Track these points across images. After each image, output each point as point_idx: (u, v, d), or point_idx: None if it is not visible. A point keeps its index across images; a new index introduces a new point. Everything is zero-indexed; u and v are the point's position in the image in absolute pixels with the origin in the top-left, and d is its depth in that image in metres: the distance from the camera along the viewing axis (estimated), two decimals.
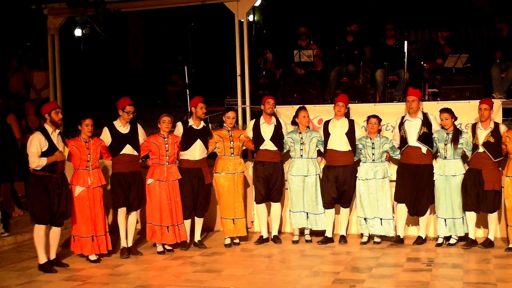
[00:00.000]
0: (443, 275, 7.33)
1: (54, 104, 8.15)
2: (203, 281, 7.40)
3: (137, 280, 7.53)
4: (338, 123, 9.08)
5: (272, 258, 8.43)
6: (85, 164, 8.25)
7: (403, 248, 8.63)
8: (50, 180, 7.89)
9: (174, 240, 8.79)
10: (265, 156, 9.14)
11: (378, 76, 11.17)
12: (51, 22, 11.25)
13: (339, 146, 8.99)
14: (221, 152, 9.09)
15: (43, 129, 7.95)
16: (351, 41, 11.89)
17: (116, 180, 8.61)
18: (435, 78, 10.89)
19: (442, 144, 8.64)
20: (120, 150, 8.56)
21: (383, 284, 7.03)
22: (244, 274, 7.69)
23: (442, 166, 8.66)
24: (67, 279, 7.61)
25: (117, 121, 8.65)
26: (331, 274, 7.51)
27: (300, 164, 9.06)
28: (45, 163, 7.78)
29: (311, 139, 9.09)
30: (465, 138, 8.58)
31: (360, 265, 7.91)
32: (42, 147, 7.78)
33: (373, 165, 8.90)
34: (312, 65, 11.65)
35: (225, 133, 9.09)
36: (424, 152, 8.71)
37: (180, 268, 8.06)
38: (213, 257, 8.60)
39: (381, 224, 8.89)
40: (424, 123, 8.76)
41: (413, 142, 8.74)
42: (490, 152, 8.35)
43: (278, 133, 9.17)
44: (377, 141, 8.92)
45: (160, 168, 8.71)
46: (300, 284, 7.16)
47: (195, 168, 8.87)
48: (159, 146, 8.69)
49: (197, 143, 8.85)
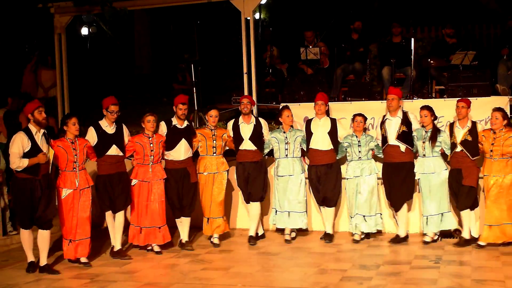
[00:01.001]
0: (451, 272, 7.32)
1: (37, 103, 7.76)
2: (210, 279, 7.41)
3: (144, 278, 7.55)
4: (320, 122, 9.08)
5: (279, 255, 8.43)
6: (71, 166, 7.97)
7: (411, 246, 8.62)
8: (32, 182, 7.58)
9: (145, 242, 8.64)
10: (244, 156, 9.08)
11: (384, 73, 11.16)
12: (57, 21, 11.29)
13: (321, 145, 9.00)
14: (203, 151, 8.98)
15: (27, 129, 7.64)
16: (356, 38, 11.87)
17: (101, 183, 8.40)
18: (442, 75, 10.87)
19: (420, 142, 8.70)
20: (106, 151, 8.35)
21: (391, 282, 7.02)
22: (251, 272, 7.69)
23: (422, 164, 8.72)
24: (75, 277, 7.64)
25: (103, 121, 8.44)
26: (338, 271, 7.51)
27: (285, 164, 9.05)
28: (26, 164, 7.46)
29: (295, 138, 9.08)
30: (443, 137, 8.63)
31: (368, 262, 7.90)
32: (25, 148, 7.49)
33: (359, 162, 8.94)
34: (318, 62, 11.64)
35: (208, 132, 8.98)
36: (403, 151, 8.76)
37: (188, 266, 8.07)
38: (220, 255, 8.61)
39: (365, 220, 8.92)
40: (403, 122, 8.80)
41: (392, 140, 8.80)
42: (468, 150, 8.42)
43: (257, 133, 9.10)
44: (363, 139, 8.96)
45: (144, 168, 8.58)
46: (307, 282, 7.16)
47: (180, 169, 8.76)
48: (143, 146, 8.53)
49: (182, 142, 8.75)
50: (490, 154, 8.30)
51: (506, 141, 8.22)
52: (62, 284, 7.40)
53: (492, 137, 8.30)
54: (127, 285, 7.30)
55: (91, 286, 7.28)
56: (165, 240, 8.72)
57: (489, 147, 8.30)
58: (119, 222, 8.50)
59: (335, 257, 8.23)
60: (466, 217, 8.52)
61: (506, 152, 8.23)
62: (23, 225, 7.73)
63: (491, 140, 8.30)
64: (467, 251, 8.26)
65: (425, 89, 11.10)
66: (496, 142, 8.26)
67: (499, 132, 8.28)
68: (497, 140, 8.26)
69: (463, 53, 10.48)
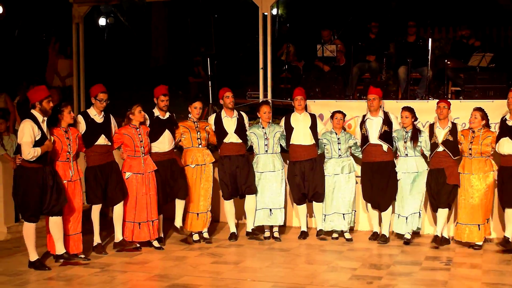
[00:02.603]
0: (461, 274, 7.29)
1: (47, 92, 7.48)
2: (220, 272, 7.43)
3: (154, 269, 7.58)
4: (300, 117, 9.06)
5: (290, 252, 8.43)
6: (65, 156, 7.70)
7: (422, 247, 8.59)
8: (44, 171, 7.36)
9: (146, 238, 8.47)
10: (230, 149, 8.95)
11: (401, 73, 11.12)
12: (76, 11, 11.31)
13: (303, 140, 8.97)
14: (188, 144, 8.82)
15: (33, 116, 7.35)
16: (373, 38, 11.85)
17: (92, 175, 8.13)
18: (458, 77, 10.83)
19: (401, 143, 8.70)
20: (95, 141, 8.11)
21: (401, 282, 7.01)
22: (261, 267, 7.70)
23: (404, 164, 8.72)
24: (85, 266, 7.68)
25: (91, 109, 8.23)
26: (348, 270, 7.50)
27: (265, 159, 9.00)
28: (40, 153, 7.23)
29: (275, 133, 9.04)
30: (424, 137, 8.65)
31: (378, 262, 7.89)
32: (36, 136, 7.24)
33: (339, 160, 8.94)
34: (335, 60, 11.62)
35: (191, 124, 8.84)
36: (385, 150, 8.78)
37: (198, 259, 8.09)
38: (230, 249, 8.63)
39: (344, 218, 8.93)
40: (385, 122, 8.81)
41: (374, 140, 8.80)
42: (449, 150, 8.49)
43: (241, 125, 9.03)
44: (342, 137, 8.96)
45: (136, 160, 8.38)
46: (317, 279, 7.16)
47: (165, 160, 8.61)
48: (132, 137, 8.33)
49: (166, 133, 8.62)
50: (469, 152, 8.38)
51: (484, 141, 8.32)
52: (72, 272, 7.43)
53: (471, 136, 8.40)
54: (136, 275, 7.33)
55: (101, 275, 7.32)
56: (151, 237, 8.53)
57: (467, 145, 8.39)
58: (118, 214, 8.30)
59: (345, 256, 8.22)
60: (444, 215, 8.53)
61: (484, 151, 8.33)
62: (33, 219, 7.40)
63: (470, 139, 8.38)
64: (478, 254, 8.22)
65: (441, 90, 11.07)
66: (475, 141, 8.35)
67: (478, 131, 8.37)
68: (476, 139, 8.35)
69: (480, 55, 10.43)
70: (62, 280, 7.17)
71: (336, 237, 9.03)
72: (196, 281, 7.06)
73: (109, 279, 7.17)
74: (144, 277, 7.26)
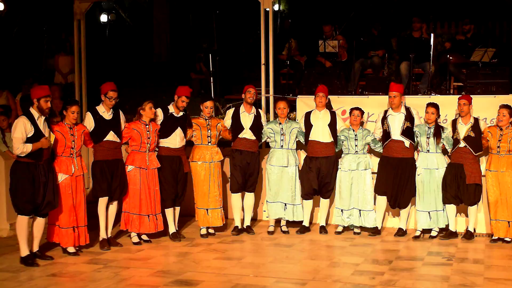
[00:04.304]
0: (464, 270, 7.30)
1: (46, 91, 7.56)
2: (222, 268, 7.44)
3: (157, 265, 7.59)
4: (320, 115, 9.09)
5: (292, 247, 8.45)
6: (69, 151, 7.86)
7: (424, 242, 8.60)
8: (36, 167, 7.48)
9: (153, 230, 8.59)
10: (243, 144, 9.03)
11: (403, 68, 11.10)
12: (77, 7, 11.29)
13: (321, 137, 9.01)
14: (198, 141, 8.91)
15: (29, 113, 7.49)
16: (376, 34, 11.84)
17: (98, 168, 8.27)
18: (460, 72, 10.80)
19: (424, 138, 8.72)
20: (103, 137, 8.25)
21: (403, 277, 7.01)
22: (263, 262, 7.71)
23: (425, 160, 8.75)
24: (89, 262, 7.70)
25: (100, 106, 8.34)
26: (350, 265, 7.51)
27: (280, 154, 9.05)
28: (30, 149, 7.36)
29: (291, 130, 9.07)
30: (446, 133, 8.68)
31: (380, 257, 7.90)
32: (28, 133, 7.37)
33: (356, 156, 8.95)
34: (337, 56, 11.61)
35: (202, 121, 8.91)
36: (407, 146, 8.79)
37: (200, 254, 8.10)
38: (233, 244, 8.64)
39: (360, 215, 8.95)
40: (407, 118, 8.82)
41: (396, 136, 8.80)
42: (471, 146, 8.50)
43: (257, 123, 9.09)
44: (359, 133, 8.97)
45: (141, 155, 8.49)
46: (319, 274, 7.17)
47: (175, 156, 8.73)
48: (140, 133, 8.44)
49: (177, 131, 8.70)
50: (498, 150, 8.39)
51: None
52: (75, 268, 7.46)
53: (499, 134, 8.42)
54: (140, 271, 7.34)
55: (104, 271, 7.34)
56: (158, 228, 8.67)
57: (496, 143, 8.39)
58: (112, 211, 8.45)
59: (348, 251, 8.23)
60: (474, 212, 8.64)
61: None
62: (24, 212, 7.53)
63: (498, 137, 8.40)
64: (481, 249, 8.23)
65: (443, 85, 11.05)
66: (503, 139, 8.37)
67: (506, 129, 8.40)
68: (504, 136, 8.38)
69: (482, 50, 10.40)
70: (65, 276, 7.19)
71: (358, 232, 9.05)
72: (199, 277, 7.08)
73: (112, 275, 7.19)
74: (147, 273, 7.28)
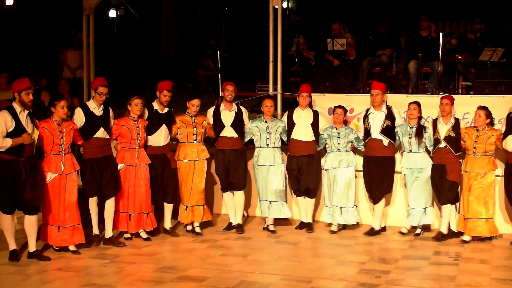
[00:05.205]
0: (470, 270, 7.28)
1: (27, 83, 7.30)
2: (228, 265, 7.44)
3: (163, 261, 7.61)
4: (303, 113, 9.07)
5: (298, 245, 8.44)
6: (57, 149, 7.63)
7: (431, 242, 8.56)
8: (16, 164, 7.21)
9: (136, 229, 8.47)
10: (225, 143, 8.93)
11: (411, 67, 11.08)
12: (86, 2, 11.29)
13: (303, 136, 9.00)
14: (184, 139, 8.80)
15: (11, 108, 7.23)
16: (384, 33, 11.81)
17: (88, 167, 8.06)
18: (469, 71, 10.77)
19: (406, 138, 8.74)
20: (93, 133, 8.04)
21: (409, 276, 7.01)
22: (269, 260, 7.71)
23: (409, 160, 8.76)
24: (95, 257, 7.72)
25: (91, 102, 8.17)
26: (356, 264, 7.50)
27: (266, 153, 9.01)
28: (9, 144, 7.09)
29: (277, 128, 9.06)
30: (428, 133, 8.68)
31: (386, 256, 7.87)
32: (8, 127, 7.11)
33: (338, 154, 8.95)
34: (345, 54, 11.59)
35: (188, 119, 8.79)
36: (386, 145, 8.79)
37: (206, 251, 8.11)
38: (239, 241, 8.64)
39: (341, 212, 8.94)
40: (388, 117, 8.81)
41: (375, 134, 8.81)
42: (451, 146, 8.52)
43: (239, 120, 9.01)
44: (342, 131, 8.97)
45: (131, 152, 8.36)
46: (325, 273, 7.17)
47: (160, 155, 8.60)
48: (130, 129, 8.29)
49: (162, 128, 8.60)
50: (473, 151, 8.40)
51: (489, 139, 8.35)
52: (82, 263, 7.48)
53: (475, 135, 8.41)
54: (145, 267, 7.36)
55: (110, 266, 7.36)
56: (152, 225, 8.60)
57: (472, 144, 8.40)
58: (109, 209, 8.24)
59: (354, 250, 8.22)
60: (447, 212, 8.62)
61: (488, 150, 8.37)
62: (5, 210, 7.35)
63: (474, 138, 8.40)
64: (487, 249, 8.19)
65: (451, 85, 11.01)
66: (479, 140, 8.37)
67: (482, 130, 8.39)
68: (480, 137, 8.38)
69: (491, 50, 10.36)
70: (71, 270, 7.22)
71: (335, 230, 9.02)
72: (204, 273, 7.08)
73: (118, 270, 7.22)
74: (152, 268, 7.29)
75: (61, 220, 7.77)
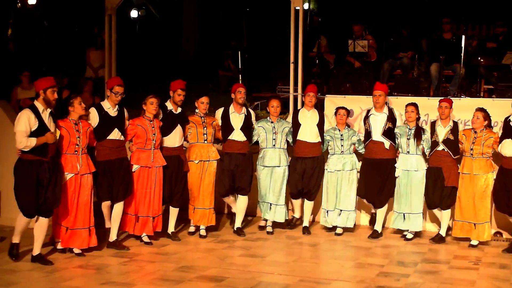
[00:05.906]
0: (490, 274, 7.23)
1: (52, 82, 7.22)
2: (247, 265, 7.46)
3: (182, 260, 7.63)
4: (309, 114, 9.01)
5: (317, 247, 8.44)
6: (73, 148, 7.48)
7: (450, 246, 8.52)
8: (40, 165, 7.10)
9: (140, 232, 8.31)
10: (233, 147, 8.78)
11: (433, 70, 11.02)
12: (108, 2, 11.34)
13: (309, 137, 8.93)
14: (193, 139, 8.66)
15: (33, 106, 7.11)
16: (406, 34, 11.77)
17: (101, 170, 7.88)
18: (491, 75, 10.70)
19: (404, 139, 8.67)
20: (107, 134, 7.88)
21: (428, 280, 6.98)
22: (288, 261, 7.72)
23: (405, 161, 8.70)
24: (114, 255, 7.77)
25: (105, 102, 8.03)
26: (376, 266, 7.48)
27: (272, 154, 8.91)
28: (34, 143, 6.98)
29: (283, 128, 8.98)
30: (426, 135, 8.63)
31: (406, 259, 7.85)
32: (32, 126, 7.00)
33: (341, 156, 8.88)
34: (366, 55, 11.56)
35: (198, 119, 8.65)
36: (387, 147, 8.73)
37: (225, 251, 8.13)
38: (257, 242, 8.64)
39: (340, 215, 8.88)
40: (389, 119, 8.75)
41: (377, 136, 8.75)
42: (449, 149, 8.48)
43: (248, 123, 8.91)
44: (345, 133, 8.90)
45: (146, 153, 8.19)
46: (343, 275, 7.16)
47: (174, 156, 8.44)
48: (146, 129, 8.13)
49: (178, 128, 8.48)
50: (471, 152, 8.36)
51: (487, 141, 8.33)
52: (102, 261, 7.53)
53: (473, 137, 8.38)
54: (164, 266, 7.40)
55: (130, 265, 7.41)
56: (156, 229, 8.41)
57: (469, 146, 8.36)
58: (117, 212, 8.05)
59: (373, 252, 8.20)
60: (446, 216, 8.61)
61: (485, 152, 8.34)
62: (28, 214, 7.21)
63: (472, 139, 8.37)
64: (508, 254, 8.12)
65: (473, 88, 10.94)
66: (477, 142, 8.34)
67: (480, 132, 8.35)
68: (478, 139, 8.34)
69: None
70: (92, 268, 7.28)
71: (340, 233, 8.97)
72: (223, 273, 7.11)
73: (138, 269, 7.26)
74: (172, 267, 7.32)
75: (71, 222, 7.62)
